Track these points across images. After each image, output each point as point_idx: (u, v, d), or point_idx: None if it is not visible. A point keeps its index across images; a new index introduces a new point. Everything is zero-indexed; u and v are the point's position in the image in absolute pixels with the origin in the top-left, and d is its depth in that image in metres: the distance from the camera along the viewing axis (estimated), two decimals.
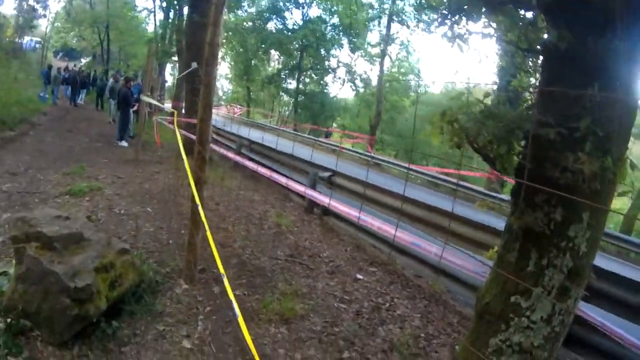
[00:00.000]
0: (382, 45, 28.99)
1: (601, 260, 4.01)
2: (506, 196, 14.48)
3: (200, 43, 11.95)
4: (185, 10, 22.08)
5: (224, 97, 48.75)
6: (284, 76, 38.18)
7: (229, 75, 46.54)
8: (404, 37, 30.82)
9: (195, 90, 12.11)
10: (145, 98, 11.93)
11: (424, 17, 25.50)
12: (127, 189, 7.85)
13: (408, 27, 28.59)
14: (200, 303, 4.34)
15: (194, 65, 11.31)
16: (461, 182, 17.16)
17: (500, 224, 3.77)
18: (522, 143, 2.37)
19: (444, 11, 2.61)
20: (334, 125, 37.26)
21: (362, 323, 4.51)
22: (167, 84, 36.37)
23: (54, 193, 7.11)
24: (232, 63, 42.67)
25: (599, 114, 2.15)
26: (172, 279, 4.67)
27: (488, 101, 2.43)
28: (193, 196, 4.38)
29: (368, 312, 4.77)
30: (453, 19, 2.63)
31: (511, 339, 2.47)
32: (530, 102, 2.56)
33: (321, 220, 7.97)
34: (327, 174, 8.44)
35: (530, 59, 2.70)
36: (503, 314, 2.50)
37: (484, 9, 2.51)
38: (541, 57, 2.48)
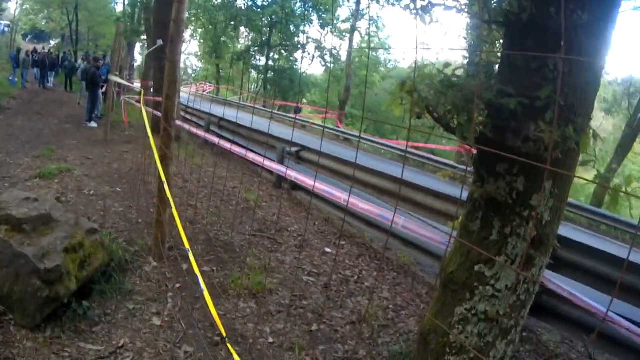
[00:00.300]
0: (351, 20, 28.77)
1: (571, 232, 4.13)
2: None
3: (167, 21, 11.82)
4: None
5: (193, 75, 48.02)
6: (253, 53, 37.70)
7: (199, 53, 45.81)
8: (373, 13, 30.66)
9: (163, 68, 11.81)
10: (114, 78, 11.68)
11: None
12: (96, 170, 7.75)
13: (378, 2, 28.39)
14: (169, 280, 4.31)
15: (160, 42, 11.06)
16: (428, 155, 17.38)
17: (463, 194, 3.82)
18: (484, 113, 2.37)
19: None
20: (304, 101, 37.08)
21: (330, 295, 4.55)
22: (136, 64, 35.61)
23: (24, 177, 7.00)
24: (202, 41, 41.91)
25: (561, 83, 2.15)
26: (142, 257, 4.63)
27: (448, 71, 2.40)
28: (162, 174, 4.29)
29: (336, 284, 4.81)
30: None
31: (476, 307, 2.49)
32: (490, 73, 2.55)
33: (290, 195, 7.96)
34: (295, 149, 8.40)
35: (495, 31, 2.67)
36: (468, 283, 2.51)
37: None
38: (503, 29, 2.47)
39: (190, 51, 44.97)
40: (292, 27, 34.79)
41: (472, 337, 2.52)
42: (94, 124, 13.41)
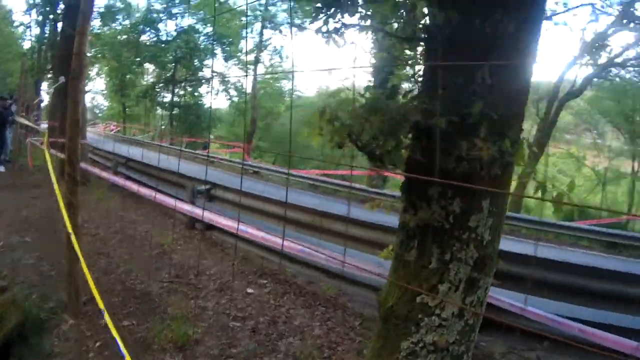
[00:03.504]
0: (255, 51, 28.80)
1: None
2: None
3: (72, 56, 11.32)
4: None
5: (100, 115, 46.21)
6: (158, 89, 36.78)
7: (105, 92, 44.22)
8: (277, 43, 30.94)
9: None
10: (20, 119, 10.89)
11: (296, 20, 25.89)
12: (4, 218, 7.39)
13: (281, 32, 28.72)
14: (89, 339, 3.95)
15: (62, 79, 10.43)
16: (343, 182, 17.53)
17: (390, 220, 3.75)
18: (410, 136, 2.25)
19: (318, 4, 2.41)
20: (211, 136, 36.41)
21: (260, 340, 4.26)
22: (43, 103, 33.56)
23: None
24: (108, 79, 40.32)
25: (491, 97, 2.07)
26: (57, 314, 4.26)
27: (369, 95, 2.27)
28: (71, 223, 3.96)
29: (265, 327, 4.52)
30: (328, 12, 2.43)
31: (424, 339, 2.33)
32: (413, 93, 2.43)
33: (204, 236, 7.57)
34: (205, 187, 8.08)
35: (410, 49, 2.57)
36: (411, 316, 2.35)
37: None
38: (422, 45, 2.39)
39: (97, 89, 43.37)
40: (196, 62, 34.31)
41: None
42: (1, 168, 12.38)
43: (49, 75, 23.42)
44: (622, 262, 9.39)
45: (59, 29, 21.76)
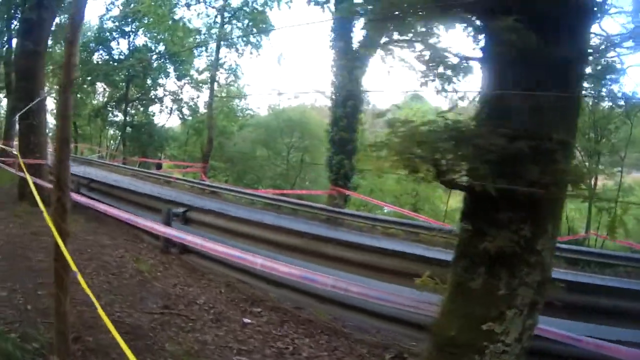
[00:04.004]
0: (211, 70, 28.35)
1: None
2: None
3: (34, 72, 10.85)
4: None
5: (50, 134, 44.33)
6: (110, 108, 35.74)
7: (54, 111, 42.53)
8: (232, 61, 30.57)
9: (31, 127, 10.75)
10: None
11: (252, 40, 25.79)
12: None
13: (237, 50, 28.39)
14: None
15: (44, 94, 9.97)
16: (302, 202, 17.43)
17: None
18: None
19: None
20: (162, 156, 35.63)
21: None
22: None
23: None
24: (57, 98, 38.75)
25: (558, 118, 2.04)
26: (43, 356, 3.77)
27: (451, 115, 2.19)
28: (58, 255, 3.54)
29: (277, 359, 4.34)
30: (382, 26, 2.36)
31: None
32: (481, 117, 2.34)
33: (181, 260, 7.25)
34: (181, 210, 7.79)
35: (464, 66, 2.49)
36: (475, 344, 2.29)
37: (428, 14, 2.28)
38: (482, 65, 2.33)
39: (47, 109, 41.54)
40: (149, 81, 33.61)
41: None
42: None
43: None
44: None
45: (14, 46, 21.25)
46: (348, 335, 5.06)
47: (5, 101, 25.58)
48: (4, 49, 24.71)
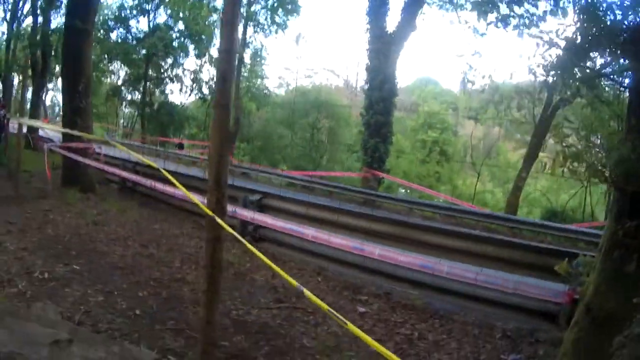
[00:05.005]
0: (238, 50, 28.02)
1: None
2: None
3: (82, 51, 10.66)
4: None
5: (61, 114, 44.25)
6: (129, 87, 35.45)
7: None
8: (257, 42, 30.24)
9: (78, 109, 10.52)
10: (26, 120, 9.99)
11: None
12: (30, 239, 6.19)
13: (263, 30, 28.14)
14: None
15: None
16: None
17: None
18: None
19: None
20: (181, 136, 35.41)
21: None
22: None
23: None
24: None
25: None
26: None
27: None
28: (213, 260, 3.17)
29: (407, 347, 4.35)
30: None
31: (633, 332, 2.68)
32: None
33: (258, 249, 7.13)
34: (256, 197, 7.69)
35: None
36: (629, 316, 2.75)
37: None
38: None
39: (58, 87, 41.32)
40: (169, 59, 33.32)
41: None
42: None
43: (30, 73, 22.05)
44: None
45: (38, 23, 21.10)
46: (454, 318, 5.15)
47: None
48: (26, 28, 24.56)
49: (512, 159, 33.25)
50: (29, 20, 23.99)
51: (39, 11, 21.70)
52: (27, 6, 23.15)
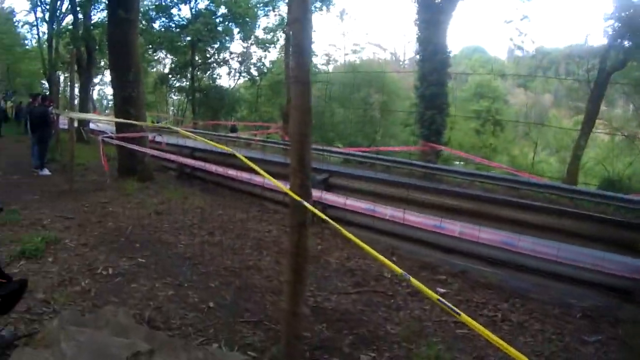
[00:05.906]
0: (285, 29, 27.92)
1: None
2: None
3: (127, 41, 10.77)
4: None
5: (110, 105, 45.72)
6: (177, 74, 35.95)
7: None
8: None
9: (130, 99, 10.66)
10: (77, 114, 10.19)
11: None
12: (91, 234, 6.21)
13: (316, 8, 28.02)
14: None
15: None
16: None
17: None
18: None
19: None
20: (232, 118, 35.77)
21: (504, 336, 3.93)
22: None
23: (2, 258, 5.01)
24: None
25: None
26: None
27: None
28: (299, 248, 3.01)
29: (492, 331, 4.06)
30: None
31: None
32: None
33: (324, 230, 6.95)
34: (322, 176, 7.56)
35: None
36: None
37: None
38: None
39: (106, 80, 42.49)
40: (215, 44, 33.50)
41: None
42: (46, 172, 11.61)
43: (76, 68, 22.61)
44: None
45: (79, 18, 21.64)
46: (532, 297, 5.00)
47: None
48: (66, 26, 25.16)
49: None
50: (69, 19, 24.71)
51: (78, 8, 22.18)
52: (65, 5, 23.73)
